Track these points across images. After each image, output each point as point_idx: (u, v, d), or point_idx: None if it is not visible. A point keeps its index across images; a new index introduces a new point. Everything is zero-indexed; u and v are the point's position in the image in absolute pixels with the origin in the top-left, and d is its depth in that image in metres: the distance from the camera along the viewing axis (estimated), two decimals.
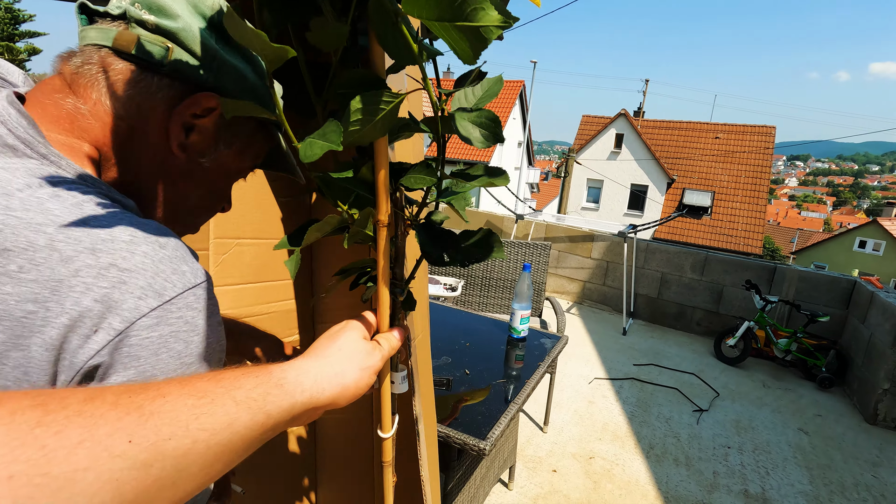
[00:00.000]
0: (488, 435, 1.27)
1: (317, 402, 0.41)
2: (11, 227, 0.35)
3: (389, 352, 0.51)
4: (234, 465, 0.34)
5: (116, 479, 0.25)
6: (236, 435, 0.33)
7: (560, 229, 5.12)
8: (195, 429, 0.30)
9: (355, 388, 0.45)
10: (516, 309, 1.93)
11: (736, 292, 4.29)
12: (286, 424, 0.39)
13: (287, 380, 0.39)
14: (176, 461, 0.28)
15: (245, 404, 0.34)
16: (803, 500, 2.31)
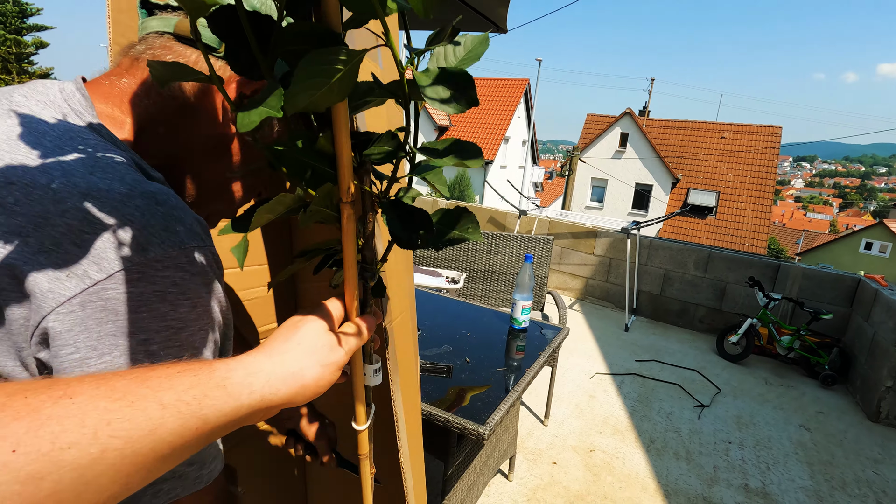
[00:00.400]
0: (487, 420, 1.27)
1: (269, 403, 0.37)
2: (24, 166, 0.37)
3: (357, 344, 0.46)
4: (158, 473, 0.30)
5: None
6: (161, 442, 0.29)
7: (563, 225, 5.11)
8: (105, 436, 0.26)
9: (315, 386, 0.40)
10: (517, 300, 1.94)
11: (739, 289, 4.27)
12: (233, 426, 0.35)
13: (232, 380, 0.34)
14: (78, 473, 0.25)
15: (174, 408, 0.30)
16: (803, 495, 2.31)
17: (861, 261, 25.89)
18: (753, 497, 2.25)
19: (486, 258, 3.05)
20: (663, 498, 2.17)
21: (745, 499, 2.23)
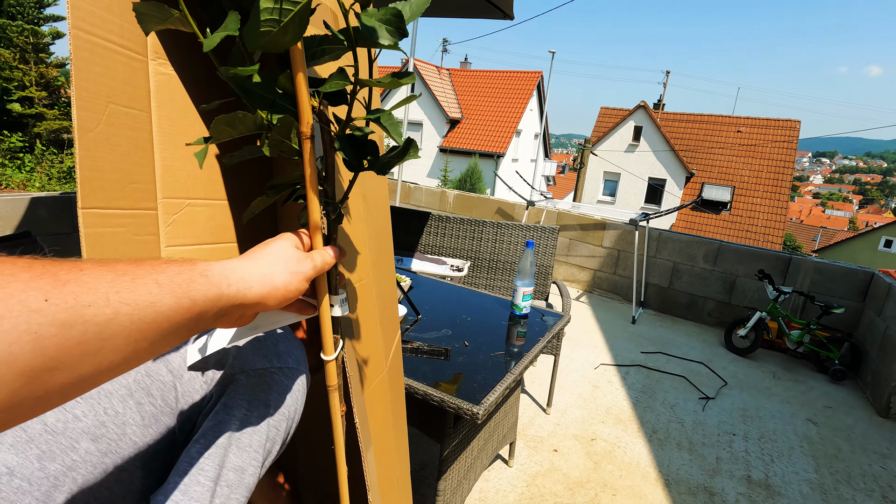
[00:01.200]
0: (482, 401, 1.28)
1: (244, 299, 0.42)
2: None
3: (322, 265, 0.51)
4: (161, 347, 0.35)
5: (35, 332, 0.25)
6: (161, 315, 0.33)
7: (571, 217, 5.09)
8: (116, 301, 0.30)
9: (284, 290, 0.46)
10: (518, 286, 1.94)
11: (749, 283, 4.22)
12: (214, 318, 0.40)
13: (212, 272, 0.39)
14: (99, 328, 0.28)
15: (168, 287, 0.34)
16: (807, 487, 2.28)
17: (881, 259, 25.34)
18: (755, 488, 2.23)
19: (490, 247, 3.05)
20: (664, 487, 2.17)
21: (748, 490, 2.22)
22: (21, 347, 0.24)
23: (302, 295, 0.53)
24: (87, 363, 0.28)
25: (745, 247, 4.28)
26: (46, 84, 10.87)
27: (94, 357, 0.29)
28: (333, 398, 0.61)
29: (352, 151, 0.50)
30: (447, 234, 3.14)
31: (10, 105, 10.34)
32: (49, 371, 0.26)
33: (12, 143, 9.49)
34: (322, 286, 0.56)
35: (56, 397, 0.28)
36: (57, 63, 11.12)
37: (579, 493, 2.07)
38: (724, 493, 2.18)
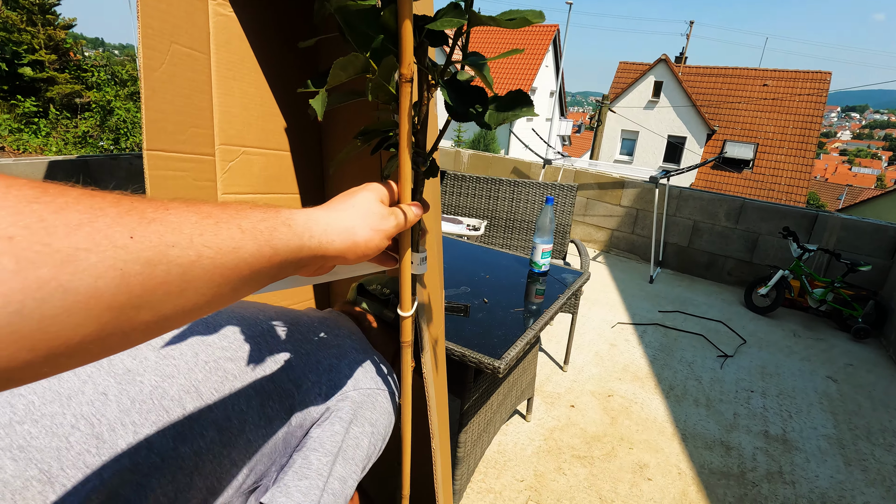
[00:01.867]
0: (503, 355, 1.28)
1: (325, 251, 0.41)
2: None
3: (405, 221, 0.50)
4: (241, 293, 0.35)
5: (121, 269, 0.25)
6: (242, 262, 0.33)
7: (589, 175, 4.97)
8: (199, 244, 0.30)
9: (365, 246, 0.45)
10: (537, 243, 1.91)
11: (772, 241, 4.12)
12: (294, 267, 0.40)
13: (296, 222, 0.39)
14: (182, 270, 0.28)
15: (251, 233, 0.34)
16: (825, 442, 2.29)
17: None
18: (773, 443, 2.25)
19: (507, 206, 3.00)
20: (680, 441, 2.19)
21: (765, 444, 2.23)
22: (107, 283, 0.24)
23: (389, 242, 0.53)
24: (170, 304, 0.28)
25: (770, 203, 4.15)
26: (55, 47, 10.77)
27: (178, 298, 0.29)
28: (406, 354, 0.61)
29: (458, 98, 0.47)
30: (463, 193, 3.09)
31: (22, 69, 10.29)
32: (135, 309, 0.26)
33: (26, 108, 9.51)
34: (405, 241, 0.54)
35: (141, 334, 0.28)
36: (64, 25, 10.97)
37: (596, 446, 2.11)
38: (741, 447, 2.19)
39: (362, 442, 0.63)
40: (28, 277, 0.21)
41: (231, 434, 0.56)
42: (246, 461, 0.57)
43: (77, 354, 0.25)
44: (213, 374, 0.58)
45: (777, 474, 2.05)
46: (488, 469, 1.91)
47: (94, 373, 0.53)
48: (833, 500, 1.94)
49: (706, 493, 1.91)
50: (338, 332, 0.73)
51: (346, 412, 0.63)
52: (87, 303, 0.24)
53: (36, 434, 0.47)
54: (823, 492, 1.98)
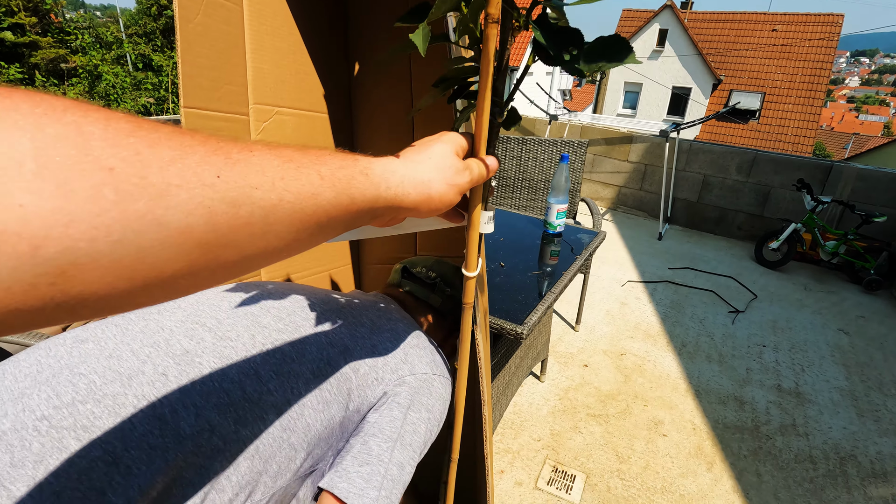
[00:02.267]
0: (525, 320, 1.25)
1: (401, 203, 0.41)
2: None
3: (479, 177, 0.47)
4: (317, 239, 0.35)
5: (208, 208, 0.26)
6: (320, 209, 0.33)
7: (596, 131, 4.83)
8: (281, 188, 0.30)
9: (439, 200, 0.44)
10: (552, 203, 1.84)
11: (784, 194, 4.04)
12: (368, 217, 0.39)
13: (373, 171, 0.38)
14: (264, 212, 0.29)
15: (330, 181, 0.34)
16: (838, 394, 2.30)
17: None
18: (786, 396, 2.26)
19: (515, 165, 2.91)
20: (694, 397, 2.20)
21: (778, 398, 2.24)
22: (197, 220, 0.25)
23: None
24: (253, 245, 0.29)
25: (783, 155, 4.04)
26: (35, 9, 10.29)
27: (260, 240, 0.29)
28: (467, 315, 0.59)
29: (552, 39, 0.42)
30: None
31: (2, 34, 9.88)
32: (221, 247, 0.27)
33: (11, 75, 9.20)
34: (476, 197, 0.51)
35: (225, 272, 0.29)
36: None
37: (611, 404, 2.12)
38: (755, 401, 2.21)
39: (419, 428, 0.62)
40: (127, 209, 0.22)
41: (291, 418, 0.55)
42: (305, 445, 0.57)
43: (169, 287, 0.26)
44: (271, 356, 0.57)
45: (790, 427, 2.07)
46: (506, 430, 1.92)
47: (153, 353, 0.53)
48: (846, 450, 1.96)
49: (721, 447, 1.93)
50: (389, 317, 0.72)
51: (403, 397, 0.62)
52: (179, 238, 0.25)
53: (99, 414, 0.47)
54: (836, 443, 2.00)
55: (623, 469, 1.79)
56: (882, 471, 1.87)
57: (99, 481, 0.44)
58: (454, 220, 0.54)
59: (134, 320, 0.58)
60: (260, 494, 0.54)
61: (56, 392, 0.47)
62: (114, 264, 0.22)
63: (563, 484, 1.70)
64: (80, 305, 0.22)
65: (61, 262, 0.21)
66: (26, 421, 0.45)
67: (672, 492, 1.70)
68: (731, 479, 1.78)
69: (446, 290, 0.89)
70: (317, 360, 0.60)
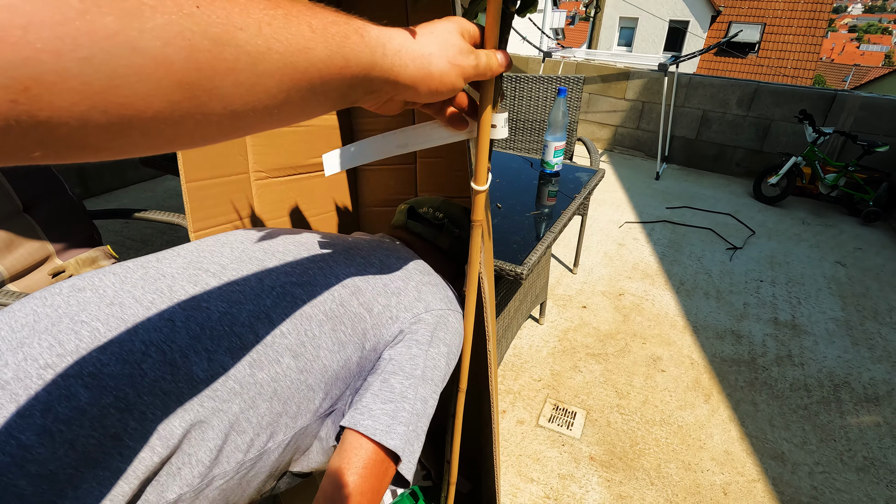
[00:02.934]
0: (525, 261, 1.21)
1: (398, 76, 0.37)
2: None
3: (486, 68, 0.42)
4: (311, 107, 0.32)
5: (188, 40, 0.24)
6: (312, 66, 0.30)
7: (592, 68, 4.63)
8: (268, 35, 0.27)
9: (440, 80, 0.39)
10: (549, 141, 1.77)
11: (784, 127, 3.94)
12: (363, 90, 0.35)
13: (368, 34, 0.34)
14: (251, 59, 0.27)
15: (322, 35, 0.31)
16: (833, 324, 2.33)
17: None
18: (782, 328, 2.28)
19: (508, 104, 2.79)
20: (692, 333, 2.22)
21: (774, 330, 2.26)
22: (176, 52, 0.23)
23: (455, 95, 0.45)
24: (241, 98, 0.27)
25: (785, 86, 3.90)
26: None
27: (248, 93, 0.27)
28: (476, 233, 0.55)
29: None
30: None
31: None
32: (206, 93, 0.25)
33: None
34: (487, 95, 0.45)
35: (213, 128, 0.27)
36: None
37: (609, 343, 2.13)
38: (752, 335, 2.23)
39: (440, 363, 0.62)
40: (94, 23, 0.21)
41: (306, 360, 0.55)
42: (322, 386, 0.57)
43: (151, 132, 0.25)
44: (282, 299, 0.56)
45: (786, 358, 2.10)
46: (506, 372, 1.94)
47: (157, 300, 0.52)
48: (840, 377, 2.00)
49: (718, 379, 1.96)
50: (398, 255, 0.71)
51: (422, 335, 0.62)
52: (157, 71, 0.23)
53: (106, 361, 0.45)
54: (831, 370, 2.03)
55: (622, 404, 1.82)
56: (874, 395, 1.92)
57: (113, 427, 0.43)
58: (457, 126, 0.48)
59: (132, 269, 0.56)
60: (282, 435, 0.54)
61: (58, 340, 0.45)
62: (84, 87, 0.21)
63: (564, 421, 1.73)
64: (50, 135, 0.21)
65: (22, 74, 0.19)
66: (29, 370, 0.43)
67: (670, 423, 1.74)
68: (728, 410, 1.81)
69: (454, 231, 0.85)
70: (328, 302, 0.59)
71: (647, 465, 1.58)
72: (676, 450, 1.64)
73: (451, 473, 0.79)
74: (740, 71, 16.48)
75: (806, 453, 1.66)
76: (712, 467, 1.59)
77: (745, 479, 1.55)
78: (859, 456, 1.65)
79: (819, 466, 1.61)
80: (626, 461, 1.60)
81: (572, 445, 1.64)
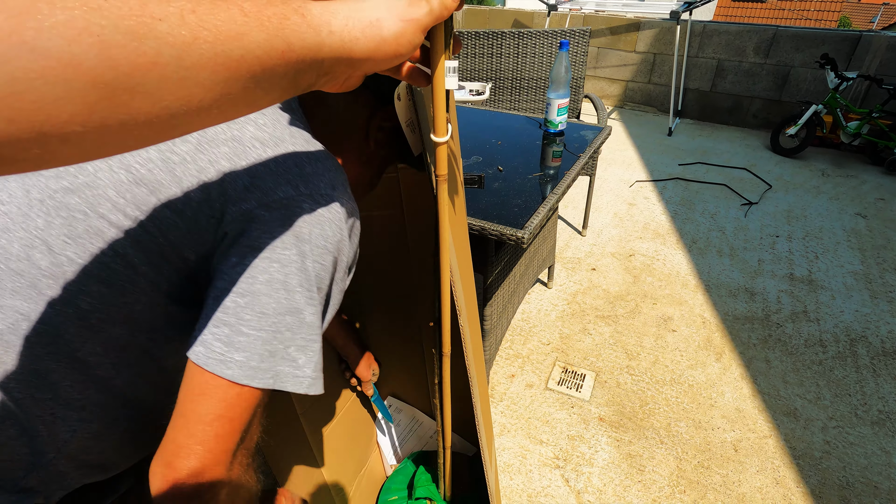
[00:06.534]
0: (526, 224, 1.18)
1: (351, 52, 0.34)
2: None
3: (441, 10, 0.38)
4: (257, 97, 0.30)
5: (98, 36, 0.22)
6: (250, 53, 0.28)
7: (600, 20, 4.43)
8: (194, 22, 0.25)
9: (396, 43, 0.36)
10: (552, 98, 1.69)
11: (805, 73, 3.75)
12: (316, 73, 0.33)
13: (310, 11, 0.32)
14: (176, 52, 0.24)
15: (256, 18, 0.28)
16: (852, 278, 2.26)
17: None
18: (798, 284, 2.23)
19: (512, 63, 2.69)
20: (704, 292, 2.18)
21: (790, 286, 2.21)
22: (84, 50, 0.21)
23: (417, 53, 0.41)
24: (171, 93, 0.25)
25: (806, 29, 3.69)
26: None
27: (178, 88, 0.25)
28: (442, 189, 0.51)
29: None
30: (462, 53, 2.76)
31: None
32: (128, 92, 0.23)
33: None
34: (438, 43, 0.41)
35: (145, 129, 0.25)
36: None
37: (619, 305, 2.11)
38: (766, 291, 2.18)
39: (291, 269, 0.47)
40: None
41: (121, 282, 0.47)
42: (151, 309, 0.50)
43: (72, 139, 0.23)
44: (56, 217, 0.45)
45: (801, 314, 2.05)
46: (514, 337, 1.93)
47: None
48: (857, 332, 1.96)
49: (731, 337, 1.93)
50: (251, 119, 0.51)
51: (261, 236, 0.46)
52: (65, 72, 0.21)
53: None
54: (848, 325, 1.99)
55: (632, 365, 1.81)
56: (893, 349, 1.88)
57: None
58: (418, 81, 0.44)
59: None
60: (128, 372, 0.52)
61: None
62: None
63: (573, 383, 1.73)
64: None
65: None
66: None
67: (681, 383, 1.73)
68: (740, 367, 1.79)
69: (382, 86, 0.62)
70: (122, 209, 0.46)
71: (657, 425, 1.58)
72: (687, 409, 1.64)
73: (445, 438, 0.78)
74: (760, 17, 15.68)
75: (819, 408, 1.64)
76: (723, 425, 1.58)
77: (756, 436, 1.55)
78: (874, 410, 1.63)
79: (833, 421, 1.59)
80: (635, 421, 1.60)
81: (581, 407, 1.65)
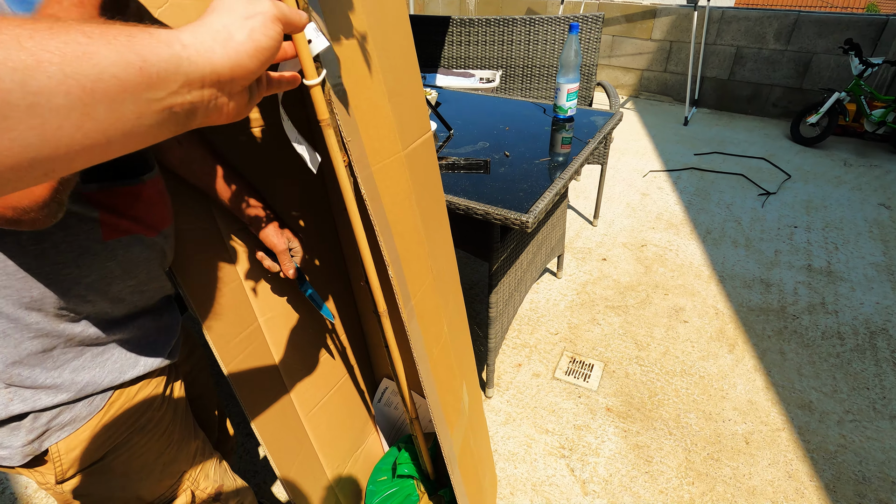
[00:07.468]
0: (531, 209, 1.15)
1: (214, 66, 0.32)
2: None
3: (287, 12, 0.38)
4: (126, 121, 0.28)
5: None
6: (105, 72, 0.26)
7: (615, 7, 4.34)
8: (33, 46, 0.24)
9: (253, 43, 0.35)
10: (562, 83, 1.66)
11: (827, 60, 3.63)
12: (188, 90, 0.31)
13: (156, 30, 0.30)
14: (19, 77, 0.23)
15: (101, 38, 0.27)
16: (873, 270, 2.19)
17: None
18: (816, 276, 2.16)
19: (524, 50, 2.64)
20: (718, 283, 2.13)
21: (807, 278, 2.15)
22: None
23: (280, 45, 0.39)
24: (24, 123, 0.23)
25: (830, 14, 3.56)
26: None
27: (30, 116, 0.23)
28: (329, 135, 0.49)
29: None
30: (472, 41, 2.73)
31: None
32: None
33: None
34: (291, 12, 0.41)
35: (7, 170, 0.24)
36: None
37: (630, 295, 2.07)
38: (782, 283, 2.13)
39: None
40: None
41: None
42: None
43: None
44: None
45: (819, 305, 2.00)
46: (522, 326, 1.92)
47: None
48: (877, 324, 1.90)
49: (744, 329, 1.89)
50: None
51: None
52: None
53: None
54: (867, 318, 1.93)
55: (642, 356, 1.78)
56: None
57: None
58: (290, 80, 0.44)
59: None
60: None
61: None
62: None
63: (580, 373, 1.71)
64: None
65: None
66: None
67: (692, 374, 1.70)
68: (754, 359, 1.75)
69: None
70: None
71: (666, 416, 1.56)
72: (697, 400, 1.61)
73: (409, 409, 0.76)
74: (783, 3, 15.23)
75: (836, 402, 1.59)
76: (734, 417, 1.55)
77: (768, 429, 1.51)
78: (894, 404, 1.58)
79: (849, 415, 1.55)
80: (643, 412, 1.57)
81: (589, 397, 1.62)
